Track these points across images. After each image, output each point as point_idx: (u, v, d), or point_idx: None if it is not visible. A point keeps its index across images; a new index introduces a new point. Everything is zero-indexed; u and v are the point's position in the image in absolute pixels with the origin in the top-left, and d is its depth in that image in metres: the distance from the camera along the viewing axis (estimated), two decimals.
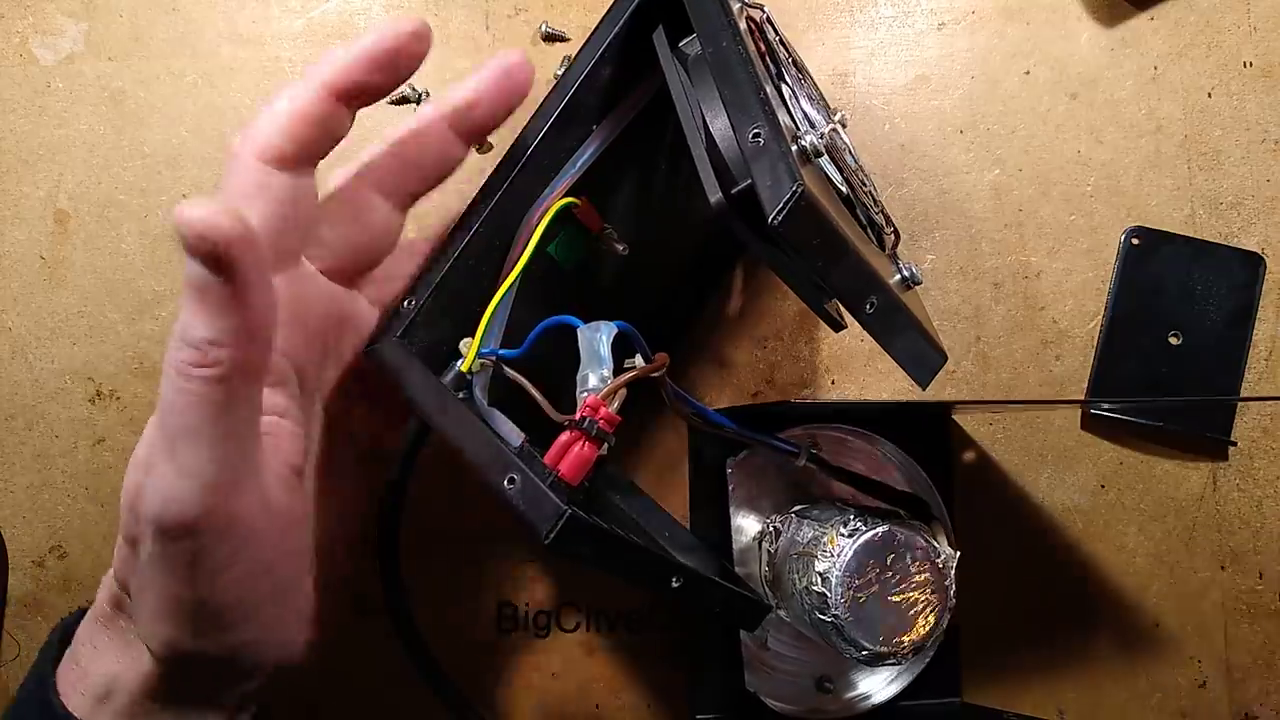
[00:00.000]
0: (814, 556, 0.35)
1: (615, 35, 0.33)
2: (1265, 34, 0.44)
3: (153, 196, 0.44)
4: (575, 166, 0.34)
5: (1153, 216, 0.44)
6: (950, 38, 0.45)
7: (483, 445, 0.29)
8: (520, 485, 0.28)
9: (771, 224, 0.26)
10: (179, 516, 0.27)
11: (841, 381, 0.44)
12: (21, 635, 0.44)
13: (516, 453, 0.30)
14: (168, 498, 0.27)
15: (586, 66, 0.33)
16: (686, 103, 0.32)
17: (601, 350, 0.32)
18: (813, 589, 0.34)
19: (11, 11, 0.45)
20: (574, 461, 0.30)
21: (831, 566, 0.34)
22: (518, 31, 0.45)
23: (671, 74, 0.32)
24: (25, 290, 0.44)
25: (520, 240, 0.34)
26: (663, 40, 0.33)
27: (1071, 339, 0.44)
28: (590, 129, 0.34)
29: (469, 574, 0.44)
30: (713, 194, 0.30)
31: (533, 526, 0.27)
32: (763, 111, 0.27)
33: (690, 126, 0.31)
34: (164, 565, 0.28)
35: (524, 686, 0.44)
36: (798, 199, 0.26)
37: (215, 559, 0.28)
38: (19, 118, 0.45)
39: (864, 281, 0.29)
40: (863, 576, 0.34)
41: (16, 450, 0.44)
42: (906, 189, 0.44)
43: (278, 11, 0.45)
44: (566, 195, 0.34)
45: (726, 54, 0.29)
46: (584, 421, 0.30)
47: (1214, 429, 0.43)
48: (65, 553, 0.44)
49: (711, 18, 0.30)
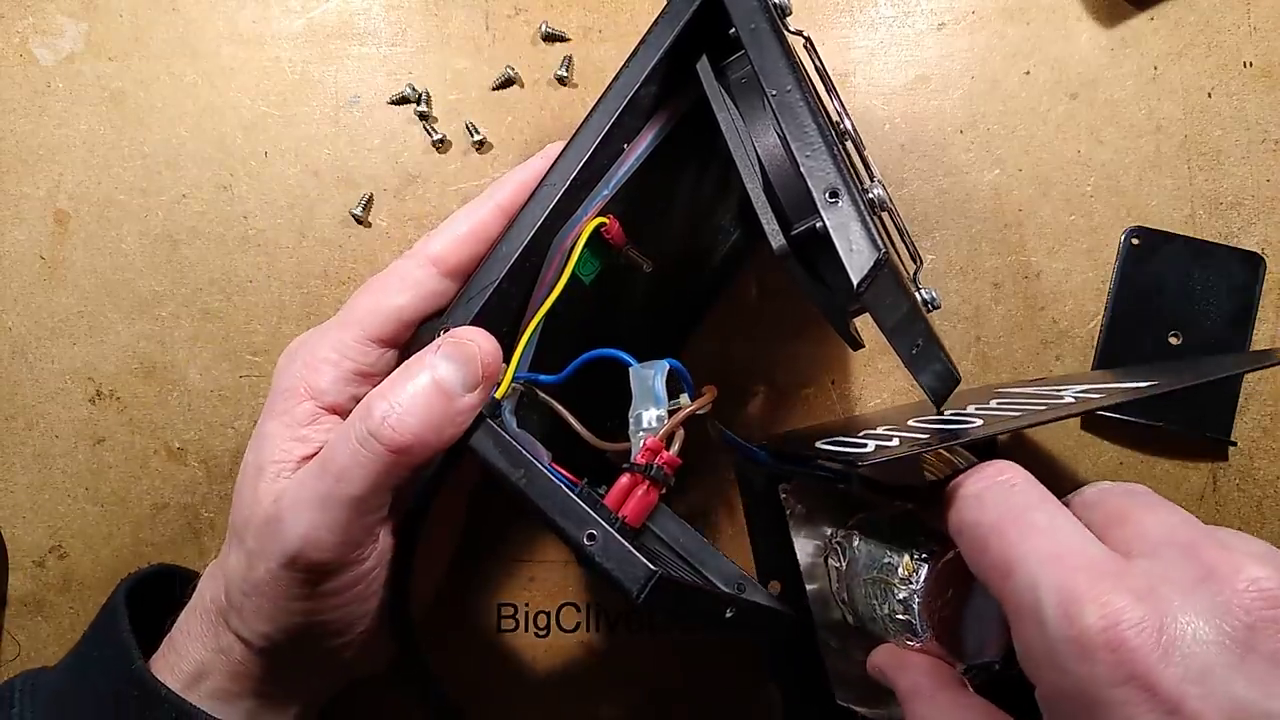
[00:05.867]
0: (890, 584, 0.34)
1: (659, 60, 0.32)
2: (1265, 34, 0.44)
3: (153, 196, 0.45)
4: (609, 187, 0.34)
5: (1153, 216, 0.44)
6: (950, 38, 0.45)
7: (556, 497, 0.30)
8: (603, 542, 0.29)
9: (858, 291, 0.26)
10: (314, 560, 0.31)
11: (841, 382, 0.44)
12: (21, 635, 0.44)
13: (583, 498, 0.30)
14: (309, 542, 0.31)
15: (630, 91, 0.32)
16: (739, 138, 0.31)
17: (657, 389, 0.32)
18: (896, 616, 0.34)
19: (11, 11, 0.45)
20: (637, 506, 0.31)
21: (912, 595, 0.33)
22: (517, 31, 0.45)
23: (720, 108, 0.31)
24: (25, 290, 0.44)
25: (553, 264, 0.33)
26: (708, 72, 0.32)
27: (1071, 339, 0.44)
28: (623, 147, 0.34)
29: (469, 574, 0.44)
30: (775, 239, 0.30)
31: (619, 585, 0.28)
32: (837, 167, 0.27)
33: (745, 165, 0.31)
34: (283, 586, 0.32)
35: (524, 686, 0.44)
36: (881, 268, 0.26)
37: (329, 587, 0.32)
38: (19, 118, 0.45)
39: (914, 328, 0.30)
40: (943, 596, 0.33)
41: (16, 450, 0.44)
42: (906, 189, 0.44)
43: (278, 11, 0.45)
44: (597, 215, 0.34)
45: (792, 100, 0.28)
46: (649, 469, 0.31)
47: (1214, 429, 0.43)
48: (65, 553, 0.44)
49: (775, 62, 0.29)
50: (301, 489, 0.32)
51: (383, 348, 0.35)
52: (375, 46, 0.45)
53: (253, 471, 0.34)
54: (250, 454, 0.34)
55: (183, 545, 0.44)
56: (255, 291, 0.44)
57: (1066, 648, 0.24)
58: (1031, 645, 0.26)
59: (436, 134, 0.44)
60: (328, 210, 0.44)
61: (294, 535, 0.31)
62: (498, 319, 0.33)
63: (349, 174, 0.45)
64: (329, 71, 0.45)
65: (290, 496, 0.32)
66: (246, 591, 0.33)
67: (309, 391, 0.34)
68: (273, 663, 0.34)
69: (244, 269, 0.44)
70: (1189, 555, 0.25)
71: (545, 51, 0.45)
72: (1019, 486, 0.29)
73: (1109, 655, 0.23)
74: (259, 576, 0.32)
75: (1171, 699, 0.23)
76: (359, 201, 0.44)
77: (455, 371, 0.31)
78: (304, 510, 0.31)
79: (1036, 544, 0.26)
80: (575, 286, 0.35)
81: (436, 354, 0.32)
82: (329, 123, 0.45)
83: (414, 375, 0.31)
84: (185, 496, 0.44)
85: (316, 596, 0.32)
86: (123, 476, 0.44)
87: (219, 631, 0.34)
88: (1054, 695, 0.25)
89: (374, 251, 0.44)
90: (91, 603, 0.44)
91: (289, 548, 0.31)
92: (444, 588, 0.42)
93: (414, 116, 0.45)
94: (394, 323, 0.35)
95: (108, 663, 0.34)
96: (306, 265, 0.44)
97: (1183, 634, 0.23)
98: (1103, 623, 0.24)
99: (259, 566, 0.32)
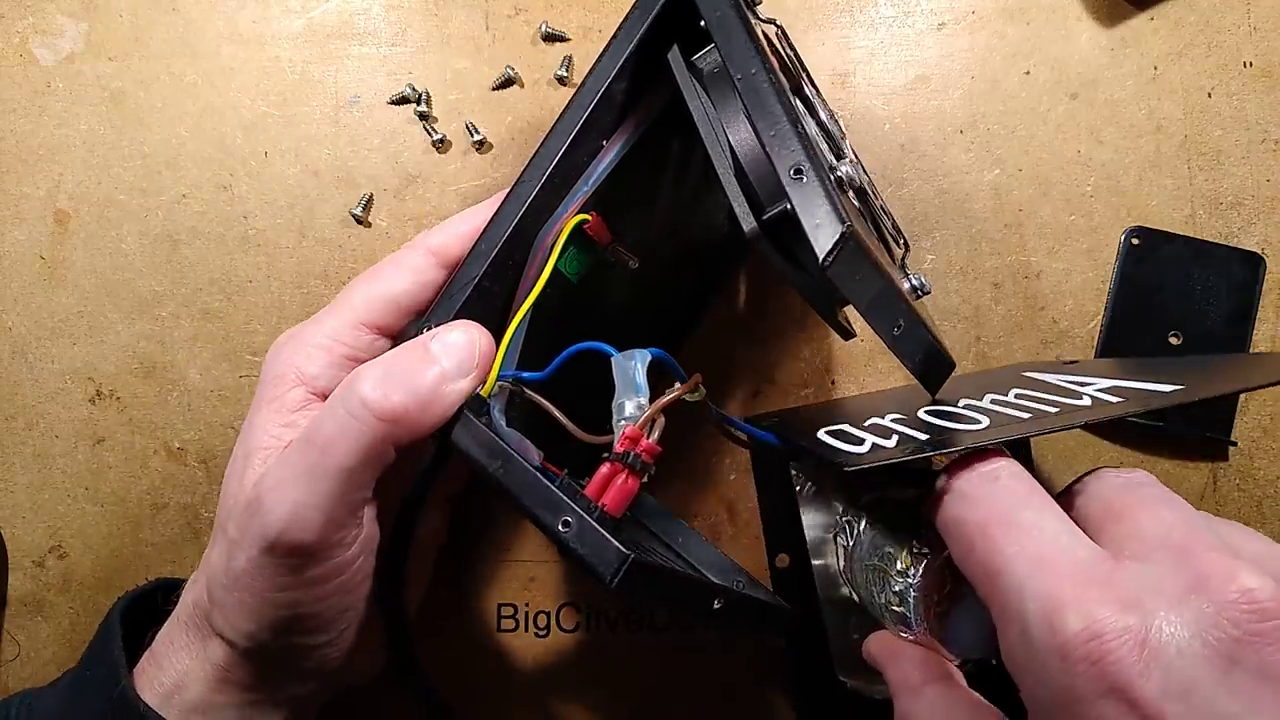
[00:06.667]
0: (888, 574, 0.34)
1: (630, 54, 0.33)
2: (1265, 34, 0.44)
3: (153, 196, 0.45)
4: (588, 184, 0.34)
5: (1153, 216, 0.44)
6: (950, 38, 0.45)
7: (532, 487, 0.30)
8: (577, 529, 0.29)
9: (822, 265, 0.26)
10: (298, 539, 0.30)
11: (841, 381, 0.44)
12: (21, 635, 0.44)
13: (562, 488, 0.30)
14: (292, 521, 0.30)
15: (601, 86, 0.33)
16: (710, 126, 0.31)
17: (638, 378, 0.32)
18: (893, 607, 0.34)
19: (11, 11, 0.45)
20: (617, 495, 0.31)
21: (908, 588, 0.33)
22: (517, 31, 0.45)
23: (692, 97, 0.32)
24: (25, 290, 0.44)
25: (535, 261, 0.33)
26: (679, 61, 0.32)
27: (1071, 339, 0.44)
28: (601, 144, 0.34)
29: (469, 574, 0.44)
30: (747, 223, 0.30)
31: (594, 570, 0.28)
32: (802, 146, 0.27)
33: (717, 151, 0.31)
34: (266, 574, 0.31)
35: (524, 686, 0.44)
36: (846, 241, 0.26)
37: (313, 574, 0.31)
38: (19, 118, 0.45)
39: (892, 307, 0.30)
40: (941, 591, 0.33)
41: (16, 450, 0.44)
42: (906, 189, 0.44)
43: (278, 11, 0.45)
44: (578, 212, 0.34)
45: (758, 82, 0.29)
46: (627, 456, 0.31)
47: (1214, 429, 0.43)
48: (65, 553, 0.44)
49: (741, 47, 0.29)
50: (284, 467, 0.31)
51: (376, 335, 0.35)
52: (375, 46, 0.45)
53: (240, 461, 0.33)
54: (239, 445, 0.34)
55: (183, 545, 0.44)
56: (255, 291, 0.44)
57: (1048, 657, 0.24)
58: (1015, 650, 0.25)
59: (436, 134, 0.44)
60: (328, 210, 0.45)
61: (275, 516, 0.30)
62: (483, 318, 0.33)
63: (349, 174, 0.45)
64: (329, 71, 0.45)
65: (272, 476, 0.31)
66: (227, 585, 0.32)
67: (300, 377, 0.33)
68: (257, 666, 0.33)
69: (244, 269, 0.44)
70: (1182, 560, 0.24)
71: (545, 51, 0.45)
72: (1006, 483, 0.28)
73: (1090, 667, 0.23)
74: (240, 567, 0.31)
75: (1152, 713, 0.22)
76: (359, 201, 0.44)
77: (451, 355, 0.31)
78: (286, 488, 0.30)
79: (1023, 546, 0.26)
80: (562, 284, 0.35)
81: (434, 339, 0.31)
82: (329, 123, 0.45)
83: (408, 352, 0.31)
84: (185, 496, 0.44)
85: (300, 586, 0.31)
86: (122, 476, 0.44)
87: (203, 635, 0.33)
88: (1036, 700, 0.25)
89: (374, 251, 0.44)
90: (91, 603, 0.44)
91: (270, 530, 0.30)
92: (439, 589, 0.42)
93: (414, 116, 0.45)
94: (391, 309, 0.34)
95: (100, 682, 0.34)
96: (306, 265, 0.44)
97: (1166, 646, 0.23)
98: (1085, 634, 0.23)
99: (239, 556, 0.31)
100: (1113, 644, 0.23)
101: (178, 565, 0.44)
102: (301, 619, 0.32)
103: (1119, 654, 0.23)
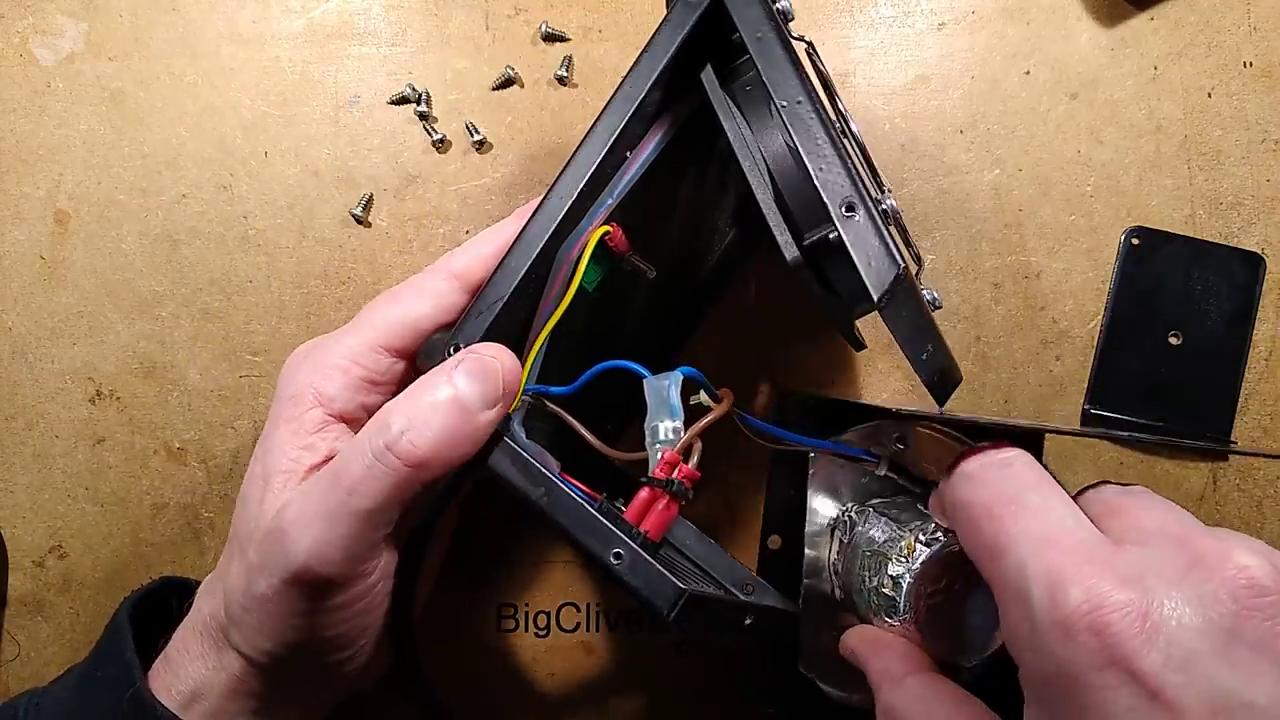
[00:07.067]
0: (888, 558, 0.34)
1: (664, 68, 0.32)
2: (1265, 34, 0.44)
3: (153, 196, 0.44)
4: (613, 196, 0.33)
5: (1153, 216, 0.44)
6: (950, 38, 0.45)
7: (580, 516, 0.30)
8: (629, 561, 0.29)
9: (878, 303, 0.27)
10: (321, 573, 0.31)
11: (841, 382, 0.44)
12: (21, 635, 0.44)
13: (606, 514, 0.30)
14: (316, 555, 0.30)
15: (634, 101, 0.32)
16: (748, 149, 0.31)
17: (672, 400, 0.32)
18: (883, 590, 0.34)
19: (11, 11, 0.45)
20: (657, 520, 0.31)
21: (905, 573, 0.33)
22: (517, 31, 0.45)
23: (727, 118, 0.31)
24: (25, 290, 0.44)
25: (559, 275, 0.33)
26: (713, 81, 0.32)
27: (1071, 339, 0.44)
28: (626, 155, 0.34)
29: (469, 574, 0.44)
30: (789, 251, 0.30)
31: (649, 604, 0.29)
32: (850, 179, 0.27)
33: (755, 175, 0.31)
34: (286, 602, 0.31)
35: (524, 686, 0.44)
36: (900, 282, 0.27)
37: (334, 604, 0.32)
38: (19, 118, 0.45)
39: (925, 336, 0.30)
40: (936, 584, 0.33)
41: (16, 450, 0.44)
42: (906, 189, 0.44)
43: (278, 11, 0.45)
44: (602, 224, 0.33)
45: (803, 112, 0.28)
46: (669, 483, 0.31)
47: (1214, 429, 0.43)
48: (65, 553, 0.44)
49: (785, 75, 0.29)
50: (308, 501, 0.31)
51: (394, 357, 0.35)
52: (375, 46, 0.45)
53: (259, 482, 0.33)
54: (257, 463, 0.34)
55: (183, 545, 0.44)
56: (255, 291, 0.44)
57: (1050, 629, 0.24)
58: (1017, 626, 0.26)
59: (436, 134, 0.44)
60: (328, 210, 0.44)
61: (299, 550, 0.30)
62: (505, 332, 0.33)
63: (349, 174, 0.45)
64: (329, 71, 0.45)
65: (296, 508, 0.31)
66: (247, 606, 0.32)
67: (317, 398, 0.34)
68: (273, 679, 0.33)
69: (244, 269, 0.44)
70: (1180, 544, 0.25)
71: (545, 51, 0.45)
72: (1017, 469, 0.29)
73: (1092, 638, 0.23)
74: (260, 591, 0.31)
75: (1152, 684, 0.23)
76: (359, 201, 0.44)
77: (476, 387, 0.31)
78: (311, 524, 0.31)
79: (1027, 526, 0.26)
80: (579, 295, 0.35)
81: (457, 369, 0.31)
82: (329, 123, 0.45)
83: (433, 389, 0.31)
84: (185, 497, 0.44)
85: (320, 612, 0.32)
86: (123, 476, 0.44)
87: (219, 647, 0.34)
88: (1036, 677, 0.25)
89: (374, 251, 0.44)
90: (92, 603, 0.44)
91: (293, 563, 0.30)
92: (440, 589, 0.42)
93: (414, 116, 0.45)
94: (411, 332, 0.34)
95: (112, 683, 0.34)
96: (306, 265, 0.44)
97: (1167, 620, 0.23)
98: (1087, 605, 0.24)
99: (260, 582, 0.31)
100: (1114, 616, 0.23)
101: (178, 565, 0.44)
102: (321, 640, 0.33)
103: (1120, 626, 0.23)
